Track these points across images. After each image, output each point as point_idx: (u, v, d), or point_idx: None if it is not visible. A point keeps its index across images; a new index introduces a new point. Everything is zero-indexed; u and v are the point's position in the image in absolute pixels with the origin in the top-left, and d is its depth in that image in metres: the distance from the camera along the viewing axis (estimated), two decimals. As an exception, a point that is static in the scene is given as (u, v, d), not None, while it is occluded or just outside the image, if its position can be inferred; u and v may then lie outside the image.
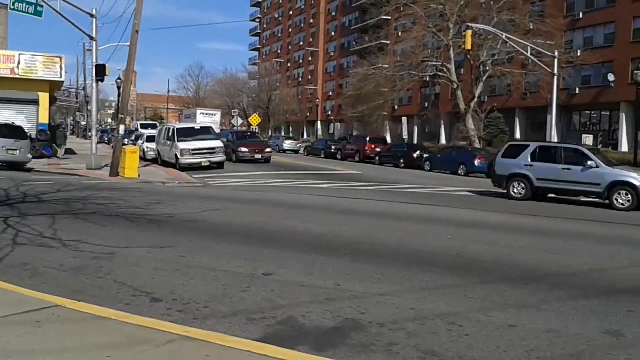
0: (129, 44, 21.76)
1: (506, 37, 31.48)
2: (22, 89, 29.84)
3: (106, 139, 53.80)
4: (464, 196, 18.27)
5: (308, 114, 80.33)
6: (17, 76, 29.93)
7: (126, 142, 27.04)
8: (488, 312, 5.40)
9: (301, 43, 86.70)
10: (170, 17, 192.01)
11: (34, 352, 3.81)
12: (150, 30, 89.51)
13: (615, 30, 40.06)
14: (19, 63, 30.14)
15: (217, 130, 51.10)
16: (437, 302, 5.69)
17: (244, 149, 30.62)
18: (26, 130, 23.93)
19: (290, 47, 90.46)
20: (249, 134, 39.17)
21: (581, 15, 41.96)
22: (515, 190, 17.54)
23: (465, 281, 6.63)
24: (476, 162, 28.50)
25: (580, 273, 7.45)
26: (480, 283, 6.57)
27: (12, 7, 20.94)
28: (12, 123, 23.87)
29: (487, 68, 38.21)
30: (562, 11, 41.99)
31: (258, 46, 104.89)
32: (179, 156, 24.91)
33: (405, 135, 48.23)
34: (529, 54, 31.19)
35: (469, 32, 28.62)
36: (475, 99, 39.25)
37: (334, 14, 78.80)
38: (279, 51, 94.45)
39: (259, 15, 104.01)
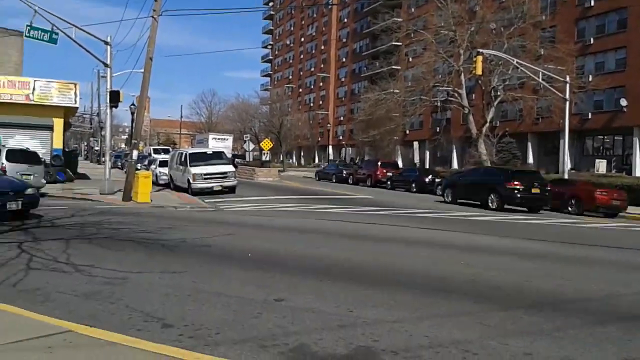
0: (142, 70, 22.09)
1: (517, 62, 31.57)
2: (36, 114, 30.28)
3: (119, 163, 54.23)
4: (477, 221, 18.14)
5: (319, 139, 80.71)
6: (32, 102, 30.40)
7: (139, 167, 27.24)
8: (503, 339, 5.32)
9: (312, 69, 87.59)
10: (183, 46, 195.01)
11: (45, 378, 3.80)
12: (164, 57, 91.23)
13: (626, 55, 40.08)
14: (34, 89, 30.65)
15: (229, 155, 51.49)
16: (451, 329, 5.61)
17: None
18: (40, 156, 24.20)
19: (301, 73, 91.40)
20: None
21: (592, 41, 42.08)
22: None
23: (480, 307, 6.54)
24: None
25: (596, 299, 7.33)
26: (495, 310, 6.48)
27: (27, 35, 21.33)
28: (27, 148, 24.16)
29: (499, 93, 38.24)
30: (572, 37, 42.13)
31: (270, 72, 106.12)
32: (191, 181, 25.02)
33: (416, 160, 48.21)
34: (540, 79, 31.23)
35: (480, 58, 28.75)
36: (487, 124, 39.21)
37: (344, 40, 79.70)
38: (290, 77, 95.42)
39: (271, 42, 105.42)
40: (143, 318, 5.58)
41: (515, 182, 22.39)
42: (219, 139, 53.58)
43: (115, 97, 23.49)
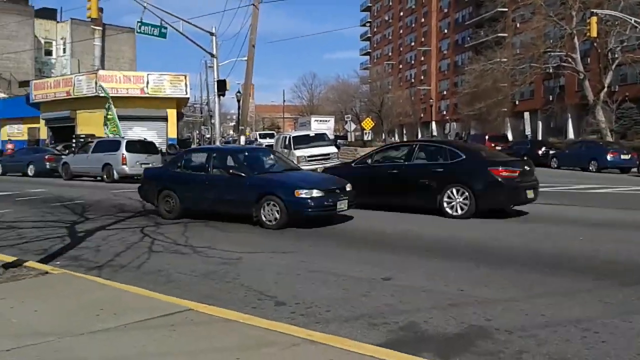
0: (246, 58, 22.80)
1: (635, 21, 28.98)
2: (151, 106, 32.30)
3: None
4: (598, 194, 16.98)
5: (422, 115, 79.12)
6: (147, 95, 32.45)
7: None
8: (627, 317, 4.96)
9: (412, 43, 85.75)
10: (283, 31, 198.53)
11: (169, 354, 4.06)
12: (266, 44, 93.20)
13: None
14: (147, 83, 32.67)
15: (331, 137, 51.81)
16: (570, 307, 5.32)
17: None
18: (157, 145, 25.75)
19: (401, 49, 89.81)
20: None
21: None
22: None
23: (601, 284, 6.14)
24: (609, 157, 26.51)
25: None
26: (617, 285, 6.06)
27: (139, 31, 22.70)
28: (145, 139, 25.81)
29: (616, 55, 35.43)
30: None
31: (369, 50, 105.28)
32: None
33: (528, 132, 45.96)
34: (664, 37, 28.48)
35: (594, 19, 26.81)
36: (605, 89, 36.48)
37: (445, 10, 77.11)
38: (390, 54, 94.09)
39: (369, 20, 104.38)
40: (257, 296, 5.80)
41: None
42: (320, 120, 54.15)
43: (222, 86, 24.47)
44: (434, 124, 75.76)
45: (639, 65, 37.81)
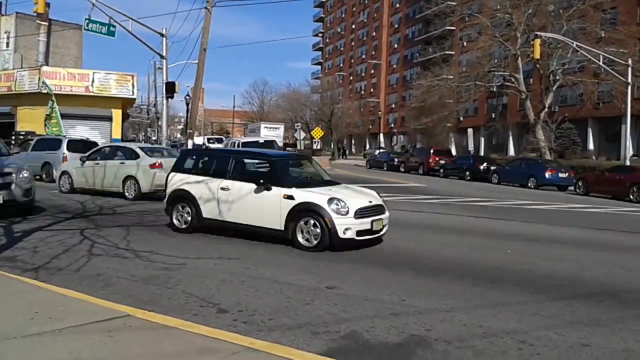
0: (197, 61, 22.55)
1: (577, 45, 30.46)
2: (96, 106, 31.43)
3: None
4: (533, 210, 17.66)
5: (370, 127, 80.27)
6: (92, 94, 31.56)
7: (194, 156, 27.84)
8: (560, 330, 5.19)
9: (363, 56, 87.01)
10: (236, 36, 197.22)
11: None
12: (217, 48, 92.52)
13: (694, 36, 37.87)
14: (93, 81, 31.80)
15: (280, 144, 51.74)
16: (506, 319, 5.51)
17: None
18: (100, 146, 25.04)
19: (352, 61, 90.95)
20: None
21: (657, 21, 39.94)
22: None
23: (535, 298, 6.39)
24: (547, 175, 27.57)
25: (662, 292, 7.03)
26: (551, 300, 6.32)
27: (86, 28, 22.09)
28: (87, 138, 25.06)
29: (558, 77, 36.99)
30: (635, 18, 40.08)
31: (320, 60, 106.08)
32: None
33: (471, 147, 47.25)
34: (600, 63, 30.00)
35: (538, 41, 27.89)
36: (546, 109, 38.01)
37: (396, 26, 78.68)
38: (341, 65, 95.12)
39: (322, 30, 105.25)
40: (199, 303, 5.73)
41: None
42: (270, 127, 54.10)
43: (171, 88, 24.10)
44: (382, 135, 76.97)
45: (578, 87, 39.64)
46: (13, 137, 29.31)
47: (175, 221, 10.28)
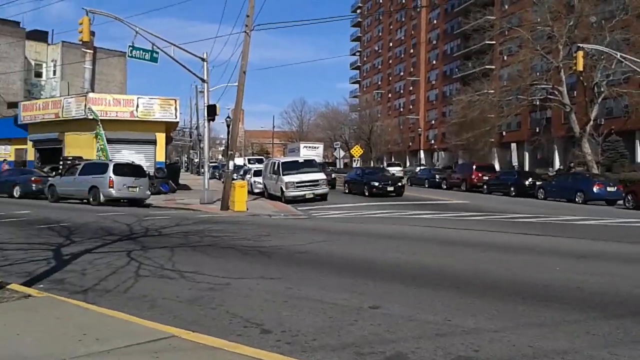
0: (237, 84, 22.92)
1: (621, 56, 29.66)
2: (140, 130, 32.26)
3: (217, 174, 56.44)
4: (582, 225, 17.12)
5: (410, 144, 79.76)
6: (136, 118, 32.42)
7: (235, 177, 28.26)
8: (613, 349, 4.97)
9: (401, 73, 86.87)
10: (275, 58, 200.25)
11: (154, 380, 3.99)
12: (256, 70, 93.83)
13: None
14: (137, 106, 32.68)
15: (320, 161, 51.95)
16: (557, 339, 5.31)
17: None
18: (145, 168, 25.66)
19: (390, 78, 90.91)
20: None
21: None
22: None
23: (587, 316, 6.15)
24: (595, 189, 26.76)
25: None
26: (603, 318, 6.07)
27: (130, 55, 22.75)
28: (132, 162, 25.73)
29: (602, 89, 36.04)
30: (683, 25, 38.78)
31: (358, 79, 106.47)
32: (284, 189, 25.58)
33: (514, 162, 46.36)
34: (647, 72, 29.07)
35: (580, 53, 27.33)
36: (591, 122, 37.03)
37: (434, 42, 78.38)
38: (379, 82, 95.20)
39: (359, 49, 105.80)
40: (243, 323, 5.74)
41: None
42: (310, 147, 54.38)
43: (212, 111, 24.53)
44: (422, 152, 76.34)
45: (624, 99, 38.49)
46: (61, 162, 30.39)
47: None
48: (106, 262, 9.13)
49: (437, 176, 41.76)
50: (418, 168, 55.46)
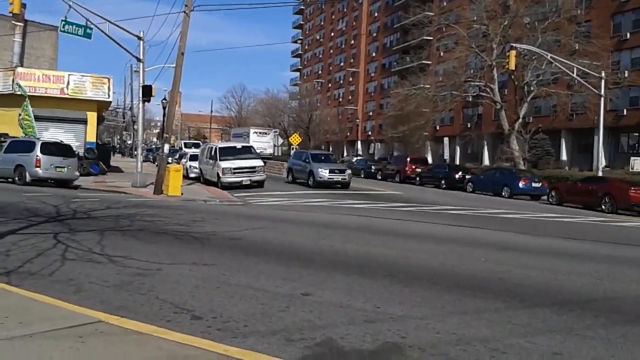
0: (174, 65, 22.37)
1: (551, 57, 31.04)
2: (71, 108, 30.90)
3: (151, 157, 54.90)
4: (508, 219, 17.91)
5: (348, 134, 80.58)
6: (67, 96, 31.03)
7: (170, 161, 27.65)
8: (532, 338, 5.26)
9: (342, 64, 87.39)
10: (214, 41, 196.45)
11: (79, 365, 3.91)
12: (195, 52, 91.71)
13: (664, 50, 38.92)
14: (68, 83, 31.28)
15: (270, 150, 50.85)
16: (479, 327, 5.57)
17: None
18: (74, 149, 24.68)
19: (331, 68, 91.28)
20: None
21: (628, 36, 40.93)
22: None
23: (509, 306, 6.48)
24: (521, 184, 28.01)
25: (628, 299, 7.20)
26: (523, 308, 6.41)
27: (62, 29, 21.75)
28: (61, 141, 24.70)
29: (532, 88, 37.65)
30: (608, 31, 41.04)
31: (299, 67, 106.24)
32: (220, 175, 25.30)
33: (446, 156, 47.77)
34: (574, 75, 30.64)
35: (513, 52, 28.39)
36: (520, 120, 38.65)
37: (374, 35, 79.24)
38: (319, 72, 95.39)
39: (301, 37, 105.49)
40: (173, 309, 5.68)
41: None
42: (260, 133, 53.14)
43: (147, 92, 23.86)
44: (359, 143, 77.31)
45: (552, 99, 40.38)
46: (-16, 139, 28.71)
47: None
48: (31, 243, 8.76)
49: (372, 167, 42.47)
50: (355, 158, 56.07)
